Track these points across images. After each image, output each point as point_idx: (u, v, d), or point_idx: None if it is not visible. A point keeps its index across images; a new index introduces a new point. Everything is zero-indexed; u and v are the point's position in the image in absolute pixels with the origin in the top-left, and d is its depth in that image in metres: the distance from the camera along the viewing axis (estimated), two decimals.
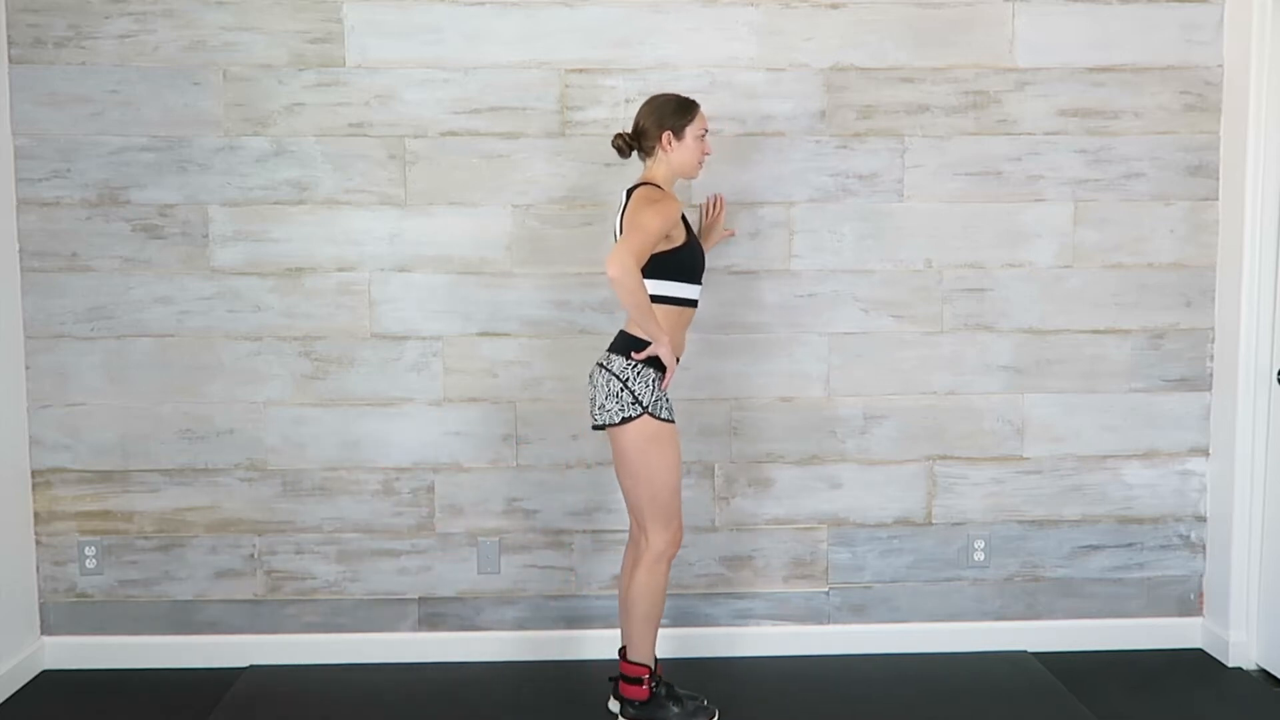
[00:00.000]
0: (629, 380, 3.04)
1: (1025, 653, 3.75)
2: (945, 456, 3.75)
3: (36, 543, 3.65)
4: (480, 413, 3.67)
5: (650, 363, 3.06)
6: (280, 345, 3.63)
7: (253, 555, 3.69)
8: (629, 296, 2.94)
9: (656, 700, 3.18)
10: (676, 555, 3.32)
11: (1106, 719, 3.27)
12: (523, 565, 3.73)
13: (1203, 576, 3.82)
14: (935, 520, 3.77)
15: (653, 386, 3.05)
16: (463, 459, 3.68)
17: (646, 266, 3.01)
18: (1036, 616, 3.81)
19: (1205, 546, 3.80)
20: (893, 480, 3.75)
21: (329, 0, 3.54)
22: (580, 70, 3.58)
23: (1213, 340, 3.74)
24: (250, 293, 3.61)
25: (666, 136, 3.11)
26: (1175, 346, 3.75)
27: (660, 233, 2.98)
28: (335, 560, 3.70)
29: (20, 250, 3.57)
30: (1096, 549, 3.80)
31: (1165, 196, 3.70)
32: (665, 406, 3.08)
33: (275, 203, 3.59)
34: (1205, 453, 3.78)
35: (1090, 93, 3.65)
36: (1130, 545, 3.81)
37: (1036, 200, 3.68)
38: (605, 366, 3.09)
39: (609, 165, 3.58)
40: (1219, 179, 3.69)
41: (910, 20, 3.60)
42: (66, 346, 3.60)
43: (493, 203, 3.61)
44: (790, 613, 3.77)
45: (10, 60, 3.51)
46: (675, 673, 3.45)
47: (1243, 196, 3.55)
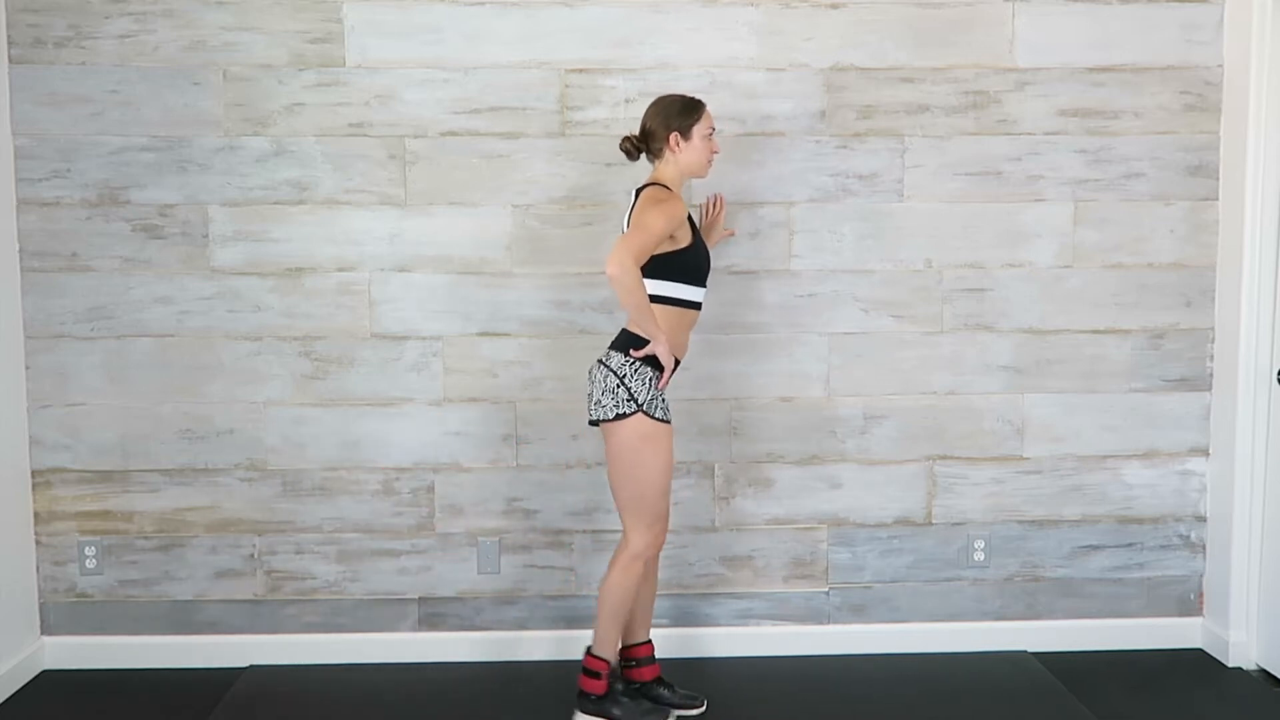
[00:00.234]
0: (626, 377, 3.04)
1: (1025, 653, 3.75)
2: (945, 456, 3.75)
3: (36, 543, 3.65)
4: (480, 413, 3.67)
5: (649, 361, 3.06)
6: (280, 345, 3.63)
7: (253, 555, 3.69)
8: (627, 295, 2.94)
9: (612, 695, 3.18)
10: (660, 554, 3.32)
11: (1106, 719, 3.27)
12: (523, 565, 3.73)
13: (1203, 576, 3.82)
14: (935, 520, 3.77)
15: (649, 385, 3.05)
16: (463, 459, 3.69)
17: (650, 267, 3.01)
18: (1036, 616, 3.81)
19: (1205, 546, 3.80)
20: (893, 480, 3.75)
21: (329, 0, 3.54)
22: (580, 70, 3.58)
23: (1213, 340, 3.74)
24: (250, 293, 3.61)
25: (674, 138, 3.10)
26: (1175, 346, 3.75)
27: (663, 233, 2.98)
28: (335, 560, 3.70)
29: (20, 250, 3.57)
30: (1096, 549, 3.81)
31: (1165, 196, 3.70)
32: (661, 406, 3.07)
33: (275, 203, 3.59)
34: (1205, 453, 3.78)
35: (1090, 93, 3.65)
36: (1130, 545, 3.81)
37: (1036, 200, 3.68)
38: (604, 363, 3.09)
39: (609, 165, 3.58)
40: (1219, 179, 3.69)
41: (910, 20, 3.60)
42: (66, 346, 3.60)
43: (493, 203, 3.61)
44: (790, 613, 3.77)
45: (10, 60, 3.51)
46: (675, 673, 3.45)
47: (1243, 196, 3.55)
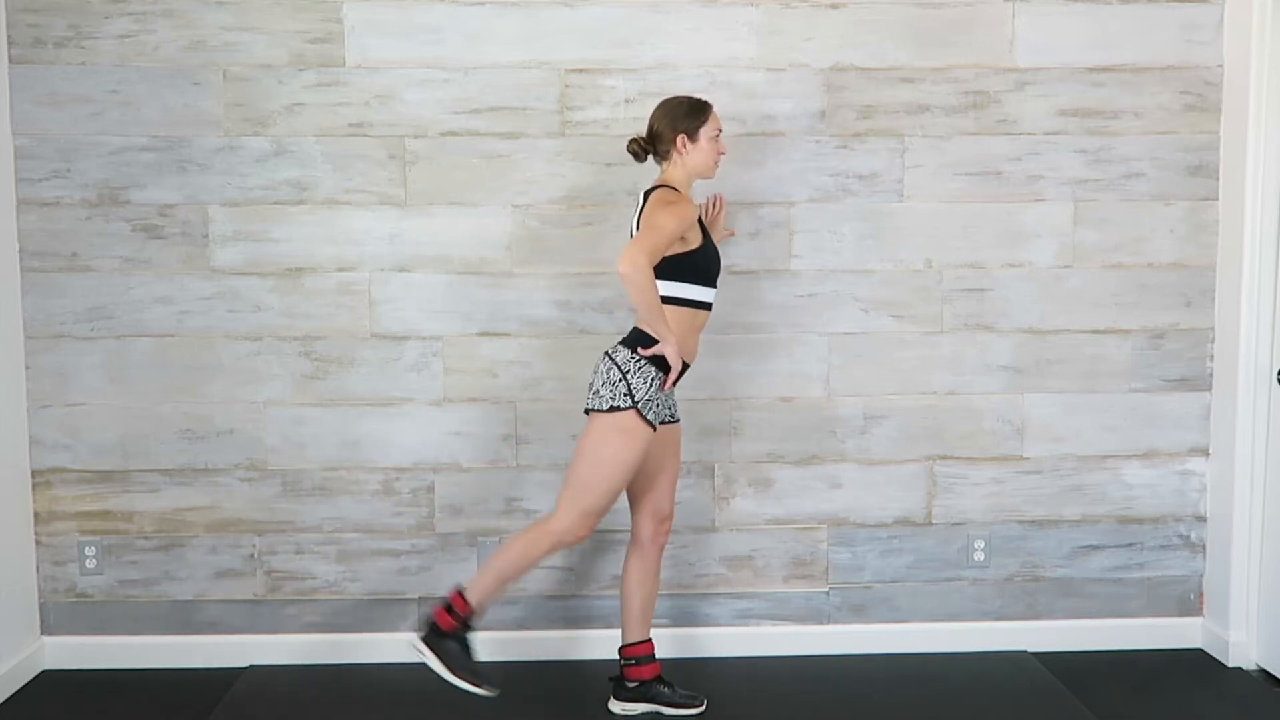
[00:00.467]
0: (629, 373, 3.05)
1: (1025, 653, 3.75)
2: (945, 456, 3.75)
3: (36, 543, 3.65)
4: (480, 413, 3.67)
5: (655, 362, 3.07)
6: (280, 345, 3.63)
7: (253, 555, 3.69)
8: (639, 295, 2.94)
9: (452, 636, 3.08)
10: (662, 553, 3.32)
11: (1106, 719, 3.27)
12: None
13: (1203, 576, 3.82)
14: (935, 520, 3.77)
15: (649, 384, 3.05)
16: (463, 459, 3.68)
17: (661, 268, 3.02)
18: (1036, 616, 3.81)
19: (1205, 546, 3.80)
20: (893, 480, 3.75)
21: (329, 0, 3.54)
22: (580, 70, 3.58)
23: (1213, 340, 3.74)
24: (250, 293, 3.61)
25: (681, 139, 3.11)
26: (1175, 346, 3.75)
27: (674, 234, 2.99)
28: (335, 560, 3.70)
29: (20, 250, 3.57)
30: (1096, 549, 3.81)
31: (1165, 196, 3.70)
32: (654, 409, 3.07)
33: (275, 203, 3.59)
34: (1205, 453, 3.78)
35: (1090, 93, 3.65)
36: (1130, 545, 3.81)
37: (1036, 200, 3.68)
38: (611, 355, 3.10)
39: (609, 165, 3.58)
40: (1219, 179, 3.69)
41: (910, 20, 3.60)
42: (66, 346, 3.60)
43: (493, 203, 3.61)
44: (790, 613, 3.77)
45: (10, 60, 3.51)
46: (675, 673, 3.45)
47: (1243, 196, 3.55)
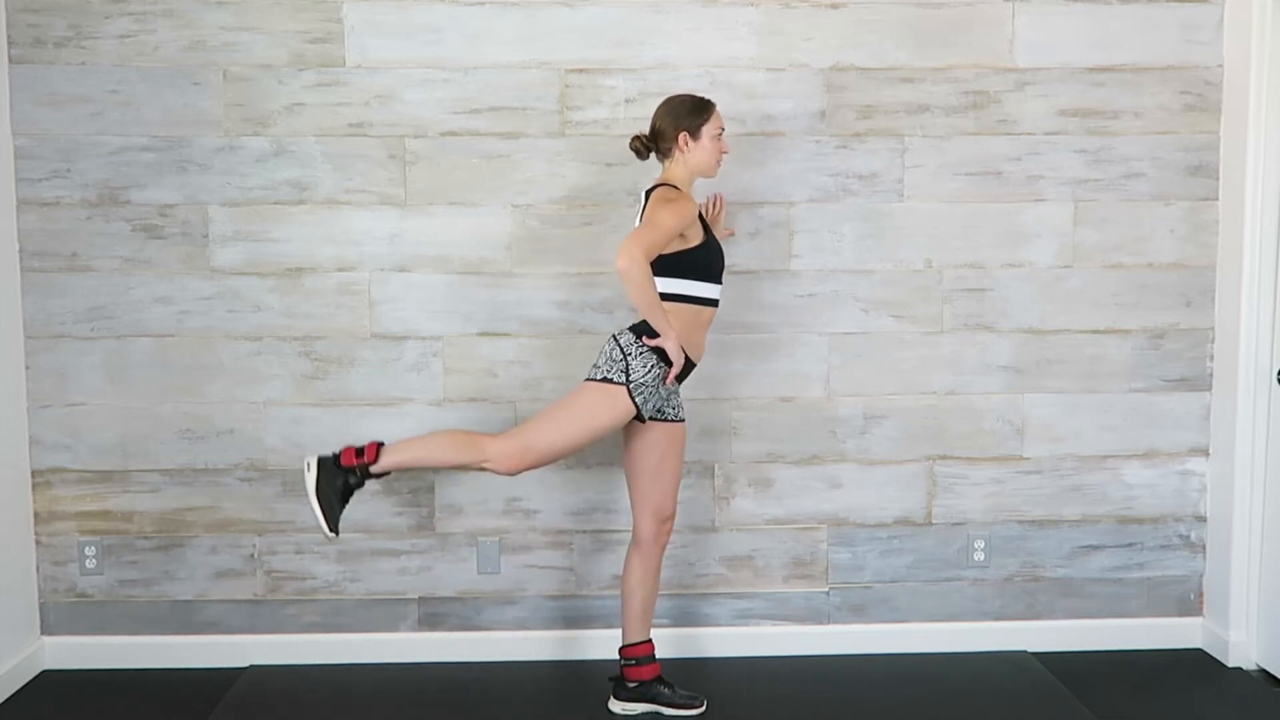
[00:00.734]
0: (631, 355, 3.07)
1: (1025, 653, 3.75)
2: (945, 456, 3.75)
3: (36, 543, 3.65)
4: (480, 413, 3.67)
5: (659, 351, 3.07)
6: (280, 345, 3.63)
7: (253, 555, 3.69)
8: (636, 290, 2.94)
9: (342, 472, 3.17)
10: (663, 553, 3.31)
11: (1106, 719, 3.27)
12: (523, 565, 3.73)
13: (1203, 576, 3.82)
14: (935, 520, 3.77)
15: (648, 371, 3.06)
16: None
17: (662, 265, 3.03)
18: (1036, 616, 3.81)
19: (1205, 546, 3.80)
20: (893, 480, 3.75)
21: (329, 0, 3.54)
22: (580, 70, 3.58)
23: (1213, 340, 3.74)
24: (250, 293, 3.61)
25: (683, 137, 3.11)
26: (1175, 346, 3.75)
27: (674, 231, 2.99)
28: (335, 560, 3.70)
29: (20, 250, 3.57)
30: (1096, 549, 3.80)
31: (1165, 196, 3.70)
32: (645, 395, 3.07)
33: (275, 203, 3.59)
34: (1205, 453, 3.78)
35: (1090, 93, 3.65)
36: (1130, 545, 3.81)
37: (1036, 200, 3.68)
38: (616, 338, 3.13)
39: (609, 165, 3.58)
40: (1219, 179, 3.69)
41: (910, 20, 3.60)
42: (66, 346, 3.60)
43: (493, 203, 3.61)
44: (790, 613, 3.77)
45: (10, 60, 3.50)
46: (675, 673, 3.45)
47: (1243, 196, 3.55)
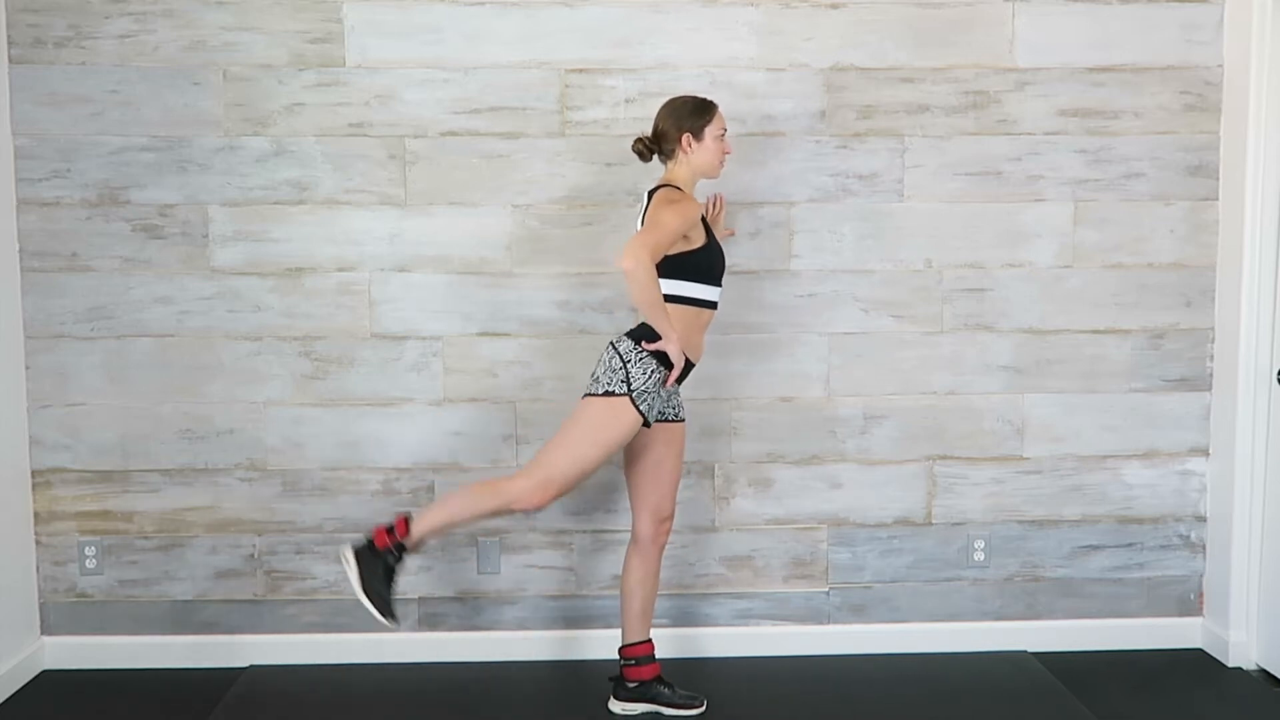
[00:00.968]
0: (630, 362, 3.06)
1: (1025, 653, 3.75)
2: (945, 456, 3.75)
3: (36, 543, 3.65)
4: (480, 413, 3.67)
5: (657, 356, 3.07)
6: (280, 345, 3.63)
7: (253, 555, 3.69)
8: (640, 291, 2.94)
9: (380, 558, 3.07)
10: (662, 553, 3.31)
11: (1106, 719, 3.27)
12: (523, 565, 3.73)
13: (1203, 576, 3.82)
14: (935, 520, 3.77)
15: (649, 377, 3.05)
16: (463, 459, 3.68)
17: (665, 266, 3.02)
18: (1036, 616, 3.81)
19: (1205, 546, 3.80)
20: (893, 480, 3.75)
21: (329, 0, 3.54)
22: (580, 70, 3.58)
23: (1213, 340, 3.74)
24: (250, 293, 3.61)
25: (686, 138, 3.11)
26: (1175, 346, 3.75)
27: (677, 232, 2.99)
28: (335, 560, 3.70)
29: (20, 250, 3.57)
30: (1096, 549, 3.80)
31: (1165, 196, 3.70)
32: (649, 401, 3.07)
33: (275, 203, 3.59)
34: (1205, 453, 3.78)
35: (1090, 93, 3.65)
36: (1130, 545, 3.81)
37: (1036, 200, 3.68)
38: (614, 345, 3.11)
39: (609, 165, 3.58)
40: (1219, 179, 3.69)
41: (910, 20, 3.60)
42: (66, 346, 3.60)
43: (493, 203, 3.61)
44: (790, 613, 3.77)
45: (10, 60, 3.50)
46: (675, 673, 3.45)
47: (1243, 196, 3.55)
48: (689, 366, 3.14)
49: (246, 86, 3.55)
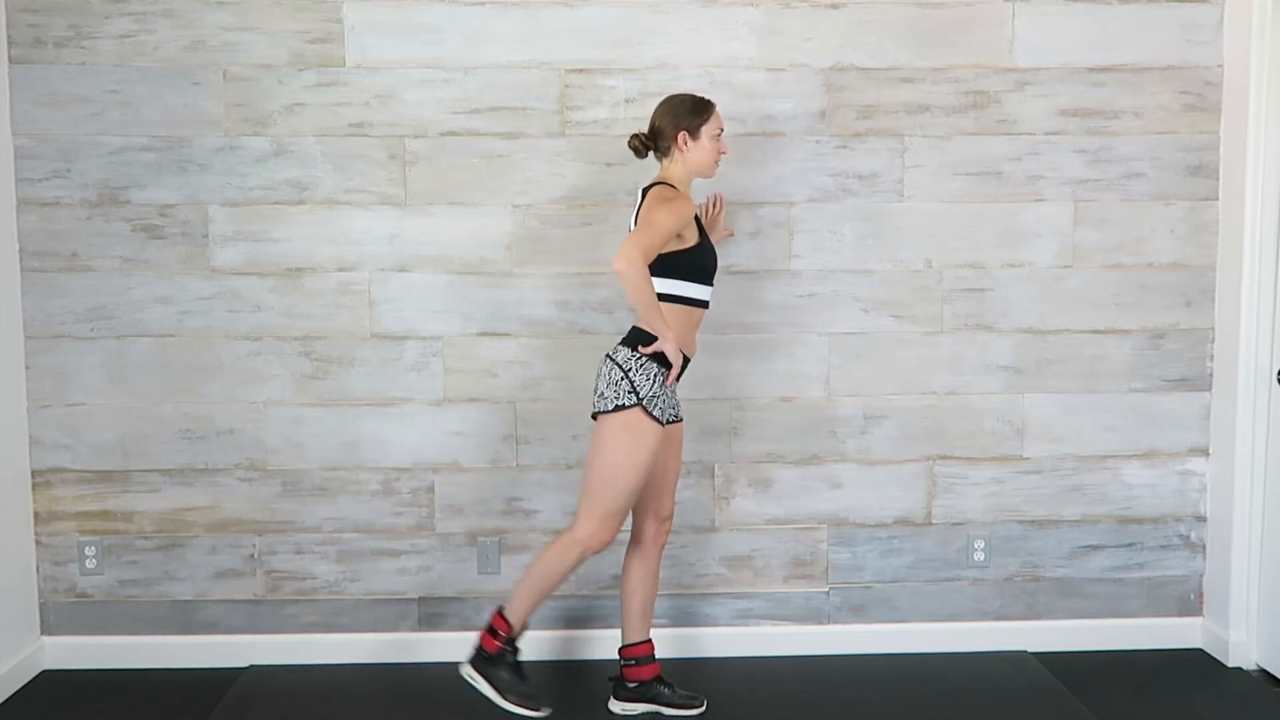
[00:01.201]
0: (631, 371, 3.05)
1: (1025, 653, 3.75)
2: (945, 456, 3.75)
3: (36, 543, 3.65)
4: (480, 413, 3.67)
5: (655, 358, 3.07)
6: (280, 345, 3.63)
7: (253, 555, 3.69)
8: (635, 292, 2.94)
9: (500, 659, 3.11)
10: (661, 553, 3.32)
11: (1106, 719, 3.27)
12: (523, 565, 3.72)
13: (1203, 576, 3.82)
14: (935, 520, 3.77)
15: (653, 381, 3.05)
16: (463, 459, 3.69)
17: (657, 265, 3.02)
18: (1036, 616, 3.81)
19: (1205, 546, 3.80)
20: (893, 480, 3.75)
21: (329, 0, 3.54)
22: (580, 70, 3.58)
23: (1213, 340, 3.74)
24: (250, 293, 3.61)
25: (682, 136, 3.11)
26: (1175, 346, 3.75)
27: (671, 231, 2.99)
28: (335, 560, 3.70)
29: (20, 250, 3.57)
30: (1096, 549, 3.81)
31: (1165, 196, 3.70)
32: (661, 405, 3.07)
33: (275, 203, 3.59)
34: (1205, 453, 3.78)
35: (1090, 93, 3.65)
36: (1130, 545, 3.81)
37: (1036, 200, 3.69)
38: (612, 357, 3.10)
39: (609, 165, 3.58)
40: (1219, 179, 3.69)
41: (910, 20, 3.60)
42: (66, 346, 3.60)
43: (493, 203, 3.61)
44: (790, 613, 3.77)
45: (10, 60, 3.51)
46: (675, 673, 3.45)
47: (1243, 196, 3.55)
48: (685, 362, 3.15)
49: (246, 86, 3.55)
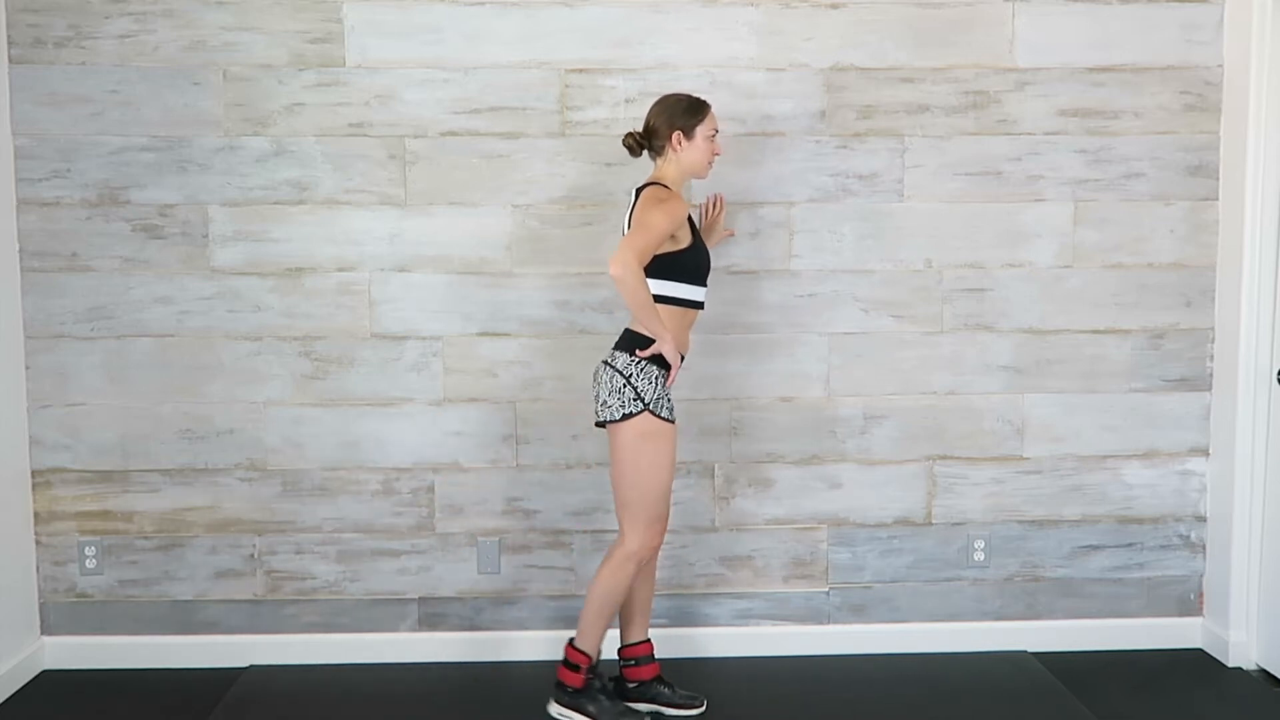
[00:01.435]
0: (632, 376, 3.05)
1: (1025, 653, 3.75)
2: (945, 456, 3.75)
3: (36, 543, 3.65)
4: (480, 413, 3.67)
5: (654, 360, 3.07)
6: (280, 345, 3.63)
7: (253, 555, 3.69)
8: (631, 295, 2.94)
9: (589, 691, 3.17)
10: (659, 553, 3.32)
11: (1106, 719, 3.27)
12: (523, 565, 3.73)
13: (1203, 576, 3.82)
14: (935, 520, 3.77)
15: (655, 384, 3.05)
16: (463, 459, 3.69)
17: (651, 267, 3.02)
18: (1036, 616, 3.81)
19: (1205, 546, 3.80)
20: (893, 480, 3.75)
21: (329, 0, 3.54)
22: (580, 70, 3.58)
23: (1213, 340, 3.74)
24: (250, 293, 3.61)
25: (677, 136, 3.11)
26: (1175, 346, 3.75)
27: (665, 233, 2.98)
28: (335, 560, 3.70)
29: (20, 250, 3.57)
30: (1096, 549, 3.80)
31: (1165, 196, 3.70)
32: (666, 405, 3.08)
33: (275, 203, 3.59)
34: (1205, 453, 3.78)
35: (1090, 93, 3.65)
36: (1130, 545, 3.81)
37: (1036, 200, 3.69)
38: (610, 363, 3.09)
39: (609, 165, 3.58)
40: (1219, 179, 3.69)
41: (910, 20, 3.60)
42: (66, 346, 3.60)
43: (493, 203, 3.61)
44: (790, 613, 3.77)
45: (10, 60, 3.51)
46: (675, 673, 3.45)
47: (1243, 196, 3.55)
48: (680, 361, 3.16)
49: (246, 86, 3.55)
